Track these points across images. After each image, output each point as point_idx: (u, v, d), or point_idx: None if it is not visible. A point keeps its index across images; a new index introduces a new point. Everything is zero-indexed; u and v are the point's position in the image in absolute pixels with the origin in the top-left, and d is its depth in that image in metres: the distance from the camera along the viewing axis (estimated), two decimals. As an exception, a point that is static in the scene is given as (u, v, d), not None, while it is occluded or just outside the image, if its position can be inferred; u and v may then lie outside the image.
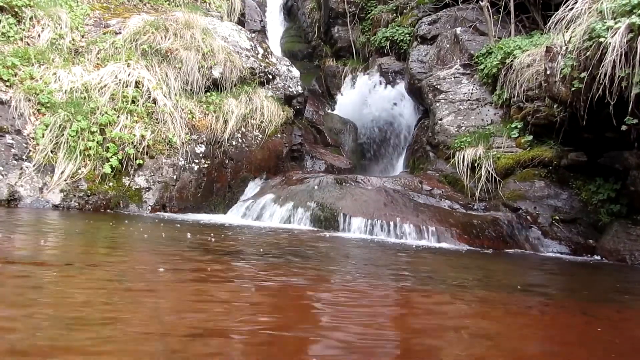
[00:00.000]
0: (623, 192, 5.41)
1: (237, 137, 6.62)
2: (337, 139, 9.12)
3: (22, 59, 5.78)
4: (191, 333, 1.75)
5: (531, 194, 5.93)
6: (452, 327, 2.21)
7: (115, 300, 2.10)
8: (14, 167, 5.21)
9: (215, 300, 2.29)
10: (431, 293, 2.86)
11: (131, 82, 6.06)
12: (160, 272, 2.72)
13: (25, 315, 1.78)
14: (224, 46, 6.94)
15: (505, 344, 2.06)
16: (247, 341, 1.77)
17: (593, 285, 3.95)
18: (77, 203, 5.35)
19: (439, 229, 5.26)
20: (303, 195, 5.90)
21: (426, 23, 9.15)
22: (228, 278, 2.79)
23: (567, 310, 2.79)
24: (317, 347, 1.77)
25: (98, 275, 2.53)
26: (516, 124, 6.66)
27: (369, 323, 2.16)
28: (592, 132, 5.27)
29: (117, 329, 1.73)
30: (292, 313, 2.21)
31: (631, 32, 4.30)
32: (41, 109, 5.56)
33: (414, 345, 1.95)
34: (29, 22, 6.24)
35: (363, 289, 2.84)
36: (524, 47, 6.96)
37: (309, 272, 3.12)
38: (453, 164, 6.73)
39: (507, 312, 2.60)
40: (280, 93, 7.33)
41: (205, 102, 6.60)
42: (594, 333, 2.36)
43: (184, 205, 6.02)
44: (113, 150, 5.60)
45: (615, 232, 5.21)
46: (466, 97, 7.53)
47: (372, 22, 10.90)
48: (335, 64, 11.54)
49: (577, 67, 4.86)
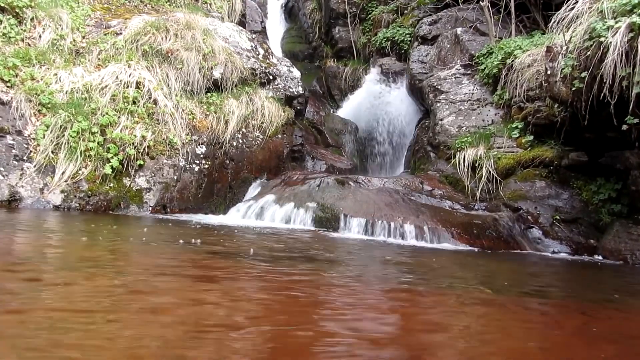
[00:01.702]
0: (624, 192, 5.40)
1: (237, 138, 6.63)
2: (337, 140, 9.12)
3: (23, 59, 5.79)
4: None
5: (532, 194, 5.92)
6: (452, 327, 2.21)
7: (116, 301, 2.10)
8: (15, 168, 5.22)
9: (211, 302, 2.29)
10: (430, 293, 2.86)
11: (132, 82, 6.06)
12: (161, 270, 2.73)
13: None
14: (225, 47, 6.95)
15: (504, 343, 2.06)
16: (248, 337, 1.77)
17: (594, 285, 3.94)
18: (78, 204, 5.36)
19: (440, 230, 5.25)
20: (304, 195, 5.90)
21: (427, 23, 9.14)
22: (230, 278, 2.79)
23: (567, 310, 2.78)
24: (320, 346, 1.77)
25: (99, 280, 2.53)
26: (517, 124, 6.66)
27: (371, 321, 2.16)
28: (593, 131, 5.27)
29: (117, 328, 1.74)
30: (293, 316, 2.21)
31: (632, 31, 4.29)
32: (42, 109, 5.57)
33: (413, 343, 1.95)
34: (30, 22, 6.25)
35: (364, 288, 2.84)
36: (524, 47, 6.95)
37: (310, 272, 3.11)
38: (454, 164, 6.73)
39: (506, 312, 2.59)
40: (281, 94, 7.33)
41: (206, 102, 6.60)
42: (593, 333, 2.35)
43: (185, 206, 6.02)
44: (114, 151, 5.60)
45: (616, 232, 5.20)
46: (467, 98, 7.53)
47: (373, 22, 10.89)
48: (336, 64, 11.53)
49: (578, 67, 4.86)
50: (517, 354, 1.93)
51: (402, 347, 1.89)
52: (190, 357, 1.53)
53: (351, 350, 1.77)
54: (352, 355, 1.73)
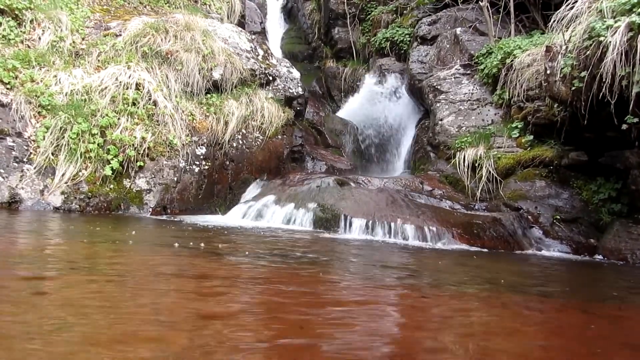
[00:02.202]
0: (624, 192, 5.40)
1: (237, 139, 6.63)
2: (337, 140, 9.12)
3: (22, 61, 5.79)
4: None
5: (532, 194, 5.92)
6: (454, 325, 2.21)
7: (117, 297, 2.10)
8: (15, 170, 5.22)
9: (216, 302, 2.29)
10: (431, 292, 2.86)
11: (132, 84, 6.06)
12: (162, 270, 2.73)
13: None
14: (224, 48, 6.95)
15: (505, 341, 2.06)
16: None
17: (594, 284, 3.94)
18: (78, 205, 5.36)
19: (440, 230, 5.25)
20: (304, 196, 5.90)
21: (426, 24, 9.14)
22: (230, 277, 2.79)
23: (567, 309, 2.78)
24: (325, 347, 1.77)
25: (98, 277, 2.53)
26: (517, 124, 6.66)
27: (373, 320, 2.16)
28: (592, 131, 5.27)
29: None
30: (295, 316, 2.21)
31: (631, 30, 4.29)
32: (42, 111, 5.57)
33: (416, 341, 1.95)
34: (29, 24, 6.25)
35: (365, 288, 2.84)
36: (524, 46, 6.95)
37: (310, 272, 3.11)
38: (454, 164, 6.73)
39: (507, 311, 2.59)
40: (280, 94, 7.33)
41: (206, 103, 6.60)
42: (592, 331, 2.35)
43: (185, 207, 6.02)
44: (114, 153, 5.61)
45: (616, 232, 5.20)
46: (466, 98, 7.53)
47: (372, 23, 10.90)
48: (336, 65, 11.54)
49: (577, 67, 4.86)
50: (519, 352, 1.93)
51: (407, 344, 1.89)
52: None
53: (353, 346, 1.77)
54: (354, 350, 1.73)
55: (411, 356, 1.82)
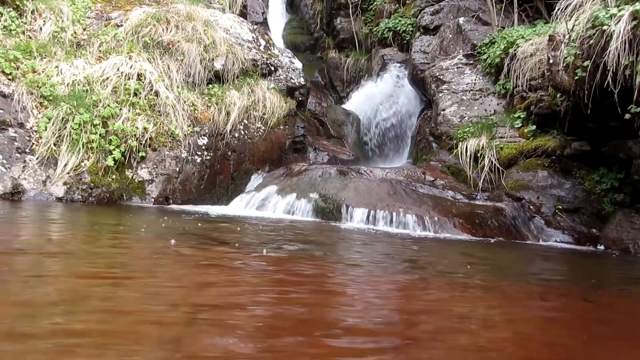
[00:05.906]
0: (627, 181, 5.38)
1: (239, 129, 6.62)
2: (340, 131, 9.10)
3: (24, 52, 5.79)
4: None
5: (534, 184, 5.91)
6: (456, 314, 2.22)
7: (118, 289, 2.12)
8: (17, 160, 5.23)
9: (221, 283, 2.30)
10: (433, 281, 2.87)
11: (133, 74, 6.05)
12: (165, 258, 2.74)
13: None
14: (226, 38, 6.93)
15: (506, 328, 2.07)
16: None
17: (595, 274, 3.95)
18: (81, 196, 5.37)
19: (442, 219, 5.26)
20: (306, 186, 5.90)
21: (429, 13, 9.09)
22: (234, 267, 2.80)
23: (569, 297, 2.79)
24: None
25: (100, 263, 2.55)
26: (519, 114, 6.63)
27: (376, 310, 2.18)
28: (595, 121, 5.25)
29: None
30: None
31: (635, 19, 4.26)
32: (44, 102, 5.57)
33: (418, 327, 1.96)
34: (30, 15, 6.23)
35: (367, 277, 2.85)
36: (527, 36, 6.91)
37: (313, 262, 3.13)
38: (456, 155, 6.72)
39: (508, 299, 2.60)
40: (282, 85, 7.31)
41: (208, 94, 6.59)
42: (592, 318, 2.36)
43: (187, 197, 6.04)
44: (116, 143, 5.61)
45: (618, 221, 5.19)
46: (469, 88, 7.50)
47: (375, 13, 10.84)
48: (338, 55, 11.49)
49: (581, 56, 4.83)
50: (518, 338, 1.94)
51: (410, 332, 1.90)
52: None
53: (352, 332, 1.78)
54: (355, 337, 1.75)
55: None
